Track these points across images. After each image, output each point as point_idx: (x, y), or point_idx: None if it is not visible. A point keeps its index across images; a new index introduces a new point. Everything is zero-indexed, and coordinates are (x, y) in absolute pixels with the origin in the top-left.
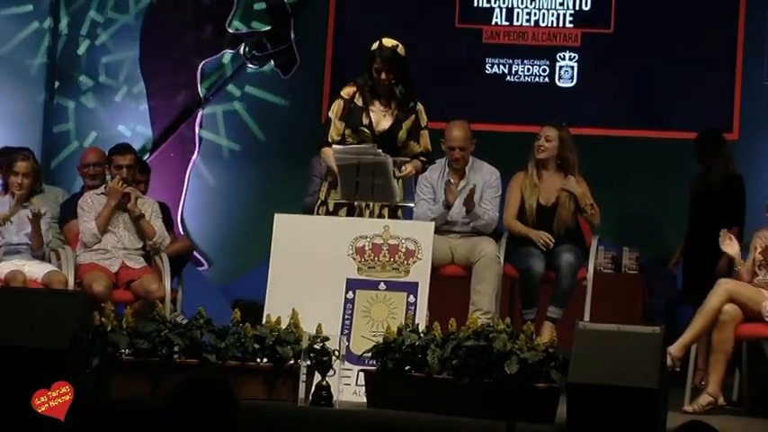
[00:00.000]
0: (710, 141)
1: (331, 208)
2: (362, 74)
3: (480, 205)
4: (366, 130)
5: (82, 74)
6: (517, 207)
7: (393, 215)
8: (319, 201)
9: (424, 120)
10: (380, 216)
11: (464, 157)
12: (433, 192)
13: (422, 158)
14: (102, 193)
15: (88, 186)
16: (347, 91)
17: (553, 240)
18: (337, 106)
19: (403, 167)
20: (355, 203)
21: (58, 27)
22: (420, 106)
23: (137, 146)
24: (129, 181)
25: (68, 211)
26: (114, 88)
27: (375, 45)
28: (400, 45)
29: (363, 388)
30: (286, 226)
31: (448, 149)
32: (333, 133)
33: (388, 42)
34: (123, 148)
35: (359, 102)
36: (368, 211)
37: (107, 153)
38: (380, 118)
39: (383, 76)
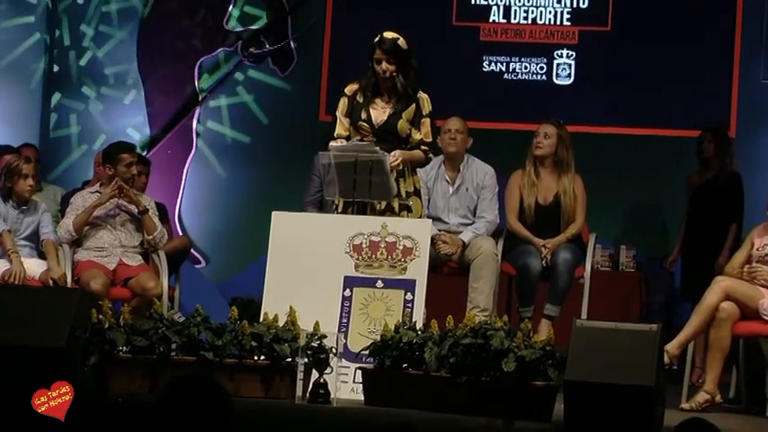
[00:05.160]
0: (722, 137)
1: (340, 208)
2: (366, 71)
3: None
4: (365, 125)
5: (81, 76)
6: (518, 207)
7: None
8: (334, 205)
9: (426, 108)
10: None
11: (458, 141)
12: (428, 191)
13: (422, 147)
14: (98, 191)
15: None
16: (350, 88)
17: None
18: (342, 104)
19: (391, 155)
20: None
21: (55, 30)
22: (423, 95)
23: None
24: (133, 177)
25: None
26: (116, 91)
27: (377, 38)
28: (401, 38)
29: (361, 385)
30: (284, 223)
31: (443, 136)
32: (339, 130)
33: (389, 34)
34: (128, 146)
35: (360, 99)
36: (381, 205)
37: (107, 151)
38: (380, 113)
39: (384, 66)
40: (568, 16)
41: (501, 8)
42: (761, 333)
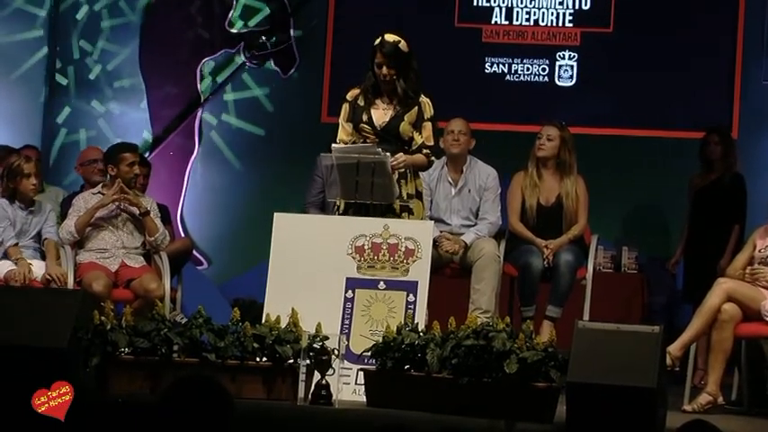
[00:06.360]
0: (727, 138)
1: (341, 209)
2: (366, 72)
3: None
4: (367, 127)
5: (82, 74)
6: (520, 208)
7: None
8: (335, 206)
9: (428, 112)
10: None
11: (461, 143)
12: (430, 192)
13: (424, 151)
14: (100, 192)
15: (93, 183)
16: (351, 93)
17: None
18: (344, 110)
19: (394, 158)
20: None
21: (57, 28)
22: (425, 99)
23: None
24: (135, 177)
25: (69, 208)
26: (117, 89)
27: (377, 40)
28: (402, 41)
29: (363, 387)
30: (286, 225)
31: (446, 137)
32: (342, 135)
33: (390, 37)
34: (130, 146)
35: (361, 102)
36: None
37: (109, 151)
38: (382, 114)
39: (384, 71)
40: (570, 18)
41: (503, 10)
42: (763, 335)
